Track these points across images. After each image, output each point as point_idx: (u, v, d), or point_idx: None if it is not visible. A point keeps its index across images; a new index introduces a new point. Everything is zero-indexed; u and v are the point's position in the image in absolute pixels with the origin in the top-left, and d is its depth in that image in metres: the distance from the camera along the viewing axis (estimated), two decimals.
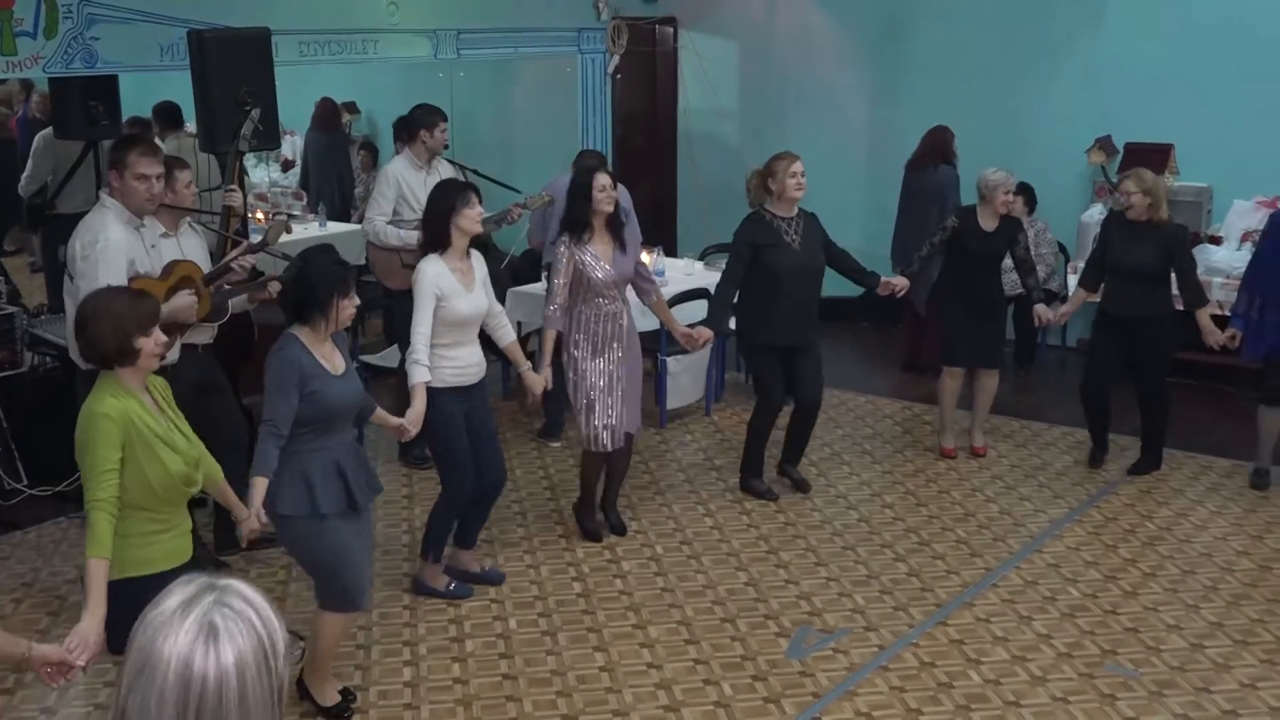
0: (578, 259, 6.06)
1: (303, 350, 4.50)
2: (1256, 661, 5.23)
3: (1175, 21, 9.34)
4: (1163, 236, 6.95)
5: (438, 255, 5.47)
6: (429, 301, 5.38)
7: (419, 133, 7.43)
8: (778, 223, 6.70)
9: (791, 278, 6.63)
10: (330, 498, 4.56)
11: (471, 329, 5.58)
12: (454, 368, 5.51)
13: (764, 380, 6.89)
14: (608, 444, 6.24)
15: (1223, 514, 6.80)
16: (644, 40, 11.75)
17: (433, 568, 5.83)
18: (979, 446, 7.64)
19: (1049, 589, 5.92)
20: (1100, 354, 7.27)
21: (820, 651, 5.33)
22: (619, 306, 6.21)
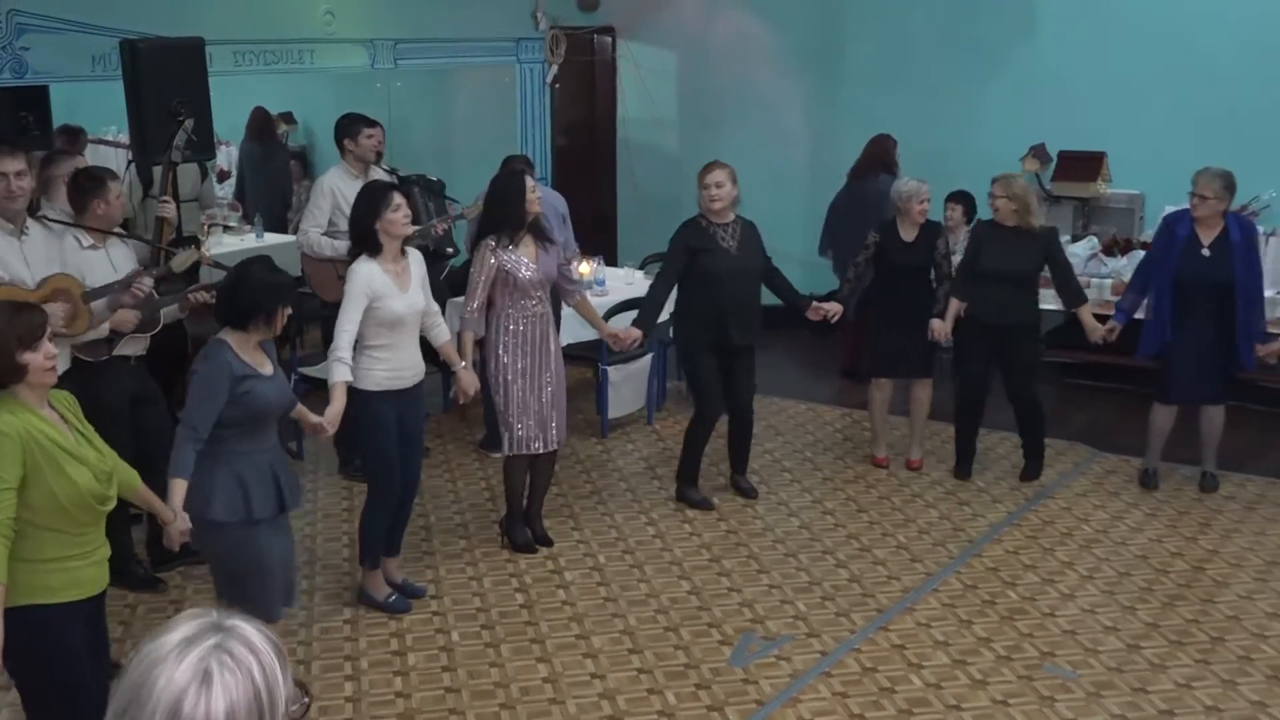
0: (501, 260, 6.04)
1: (232, 354, 4.46)
2: (1191, 661, 5.30)
3: (1106, 31, 9.48)
4: (1036, 241, 7.09)
5: (370, 258, 5.45)
6: (359, 301, 5.35)
7: (344, 142, 7.41)
8: (713, 228, 6.73)
9: (728, 280, 6.65)
10: (264, 502, 4.53)
11: (408, 330, 5.54)
12: (388, 370, 5.48)
13: (701, 386, 6.89)
14: (538, 447, 6.23)
15: (1157, 516, 6.90)
16: (582, 50, 11.75)
17: (373, 575, 5.78)
18: (914, 459, 7.65)
19: (988, 592, 5.97)
20: (969, 360, 7.35)
21: (763, 658, 5.34)
22: (545, 308, 6.21)
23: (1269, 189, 8.90)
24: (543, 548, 6.45)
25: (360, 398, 5.41)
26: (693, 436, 7.02)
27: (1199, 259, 6.85)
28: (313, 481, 7.37)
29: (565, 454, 7.85)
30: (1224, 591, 5.98)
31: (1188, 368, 6.96)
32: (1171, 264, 6.90)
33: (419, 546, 6.50)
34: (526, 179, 6.16)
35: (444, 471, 7.62)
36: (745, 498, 7.11)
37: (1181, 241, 6.90)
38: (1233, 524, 6.79)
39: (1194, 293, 6.85)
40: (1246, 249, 6.89)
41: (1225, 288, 6.82)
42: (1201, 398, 7.10)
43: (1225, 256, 6.83)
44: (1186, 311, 6.89)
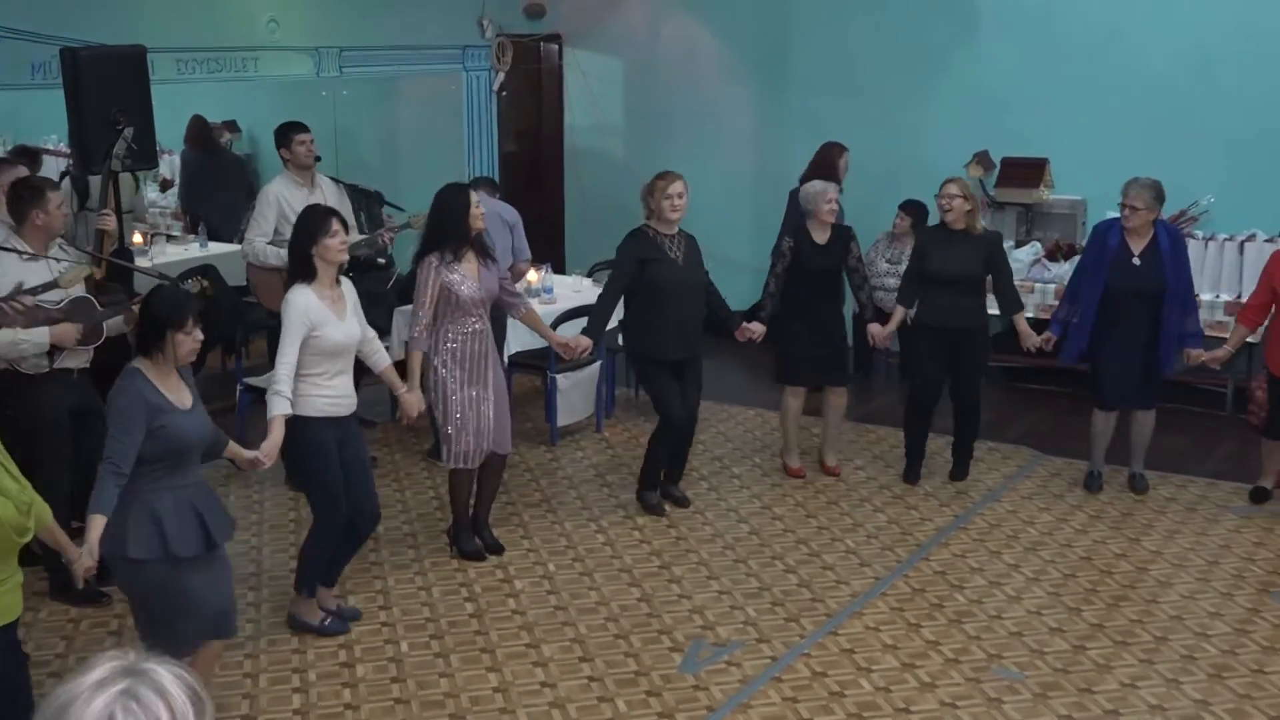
0: (444, 278, 6.01)
1: (146, 384, 4.31)
2: (1136, 661, 5.37)
3: (1049, 40, 9.59)
4: (980, 244, 7.17)
5: (306, 285, 5.33)
6: (298, 332, 5.24)
7: (281, 152, 7.37)
8: (660, 238, 6.74)
9: (676, 292, 6.68)
10: (186, 540, 4.37)
11: (346, 358, 5.46)
12: (328, 397, 5.38)
13: (661, 398, 6.88)
14: (478, 461, 6.21)
15: (1101, 518, 6.97)
16: (529, 58, 11.76)
17: (307, 602, 5.65)
18: (832, 465, 7.66)
19: (936, 596, 6.01)
20: (920, 365, 7.39)
21: (714, 664, 5.35)
22: (485, 325, 6.18)
23: (1207, 194, 9.05)
24: (493, 556, 6.43)
25: (301, 425, 5.27)
26: (656, 443, 7.01)
27: (1129, 268, 6.96)
28: (259, 493, 7.31)
29: (514, 462, 7.83)
30: (1167, 592, 6.05)
31: (1120, 374, 7.07)
32: (1102, 273, 7.00)
33: (367, 557, 6.45)
34: (470, 194, 6.13)
35: (392, 481, 7.58)
36: (679, 507, 7.08)
37: (1112, 250, 7.00)
38: (1175, 525, 6.87)
39: (1125, 301, 6.96)
40: (1176, 257, 7.01)
41: (1156, 296, 6.94)
42: (1133, 403, 7.20)
43: (1155, 265, 6.95)
44: (1118, 319, 6.99)
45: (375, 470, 7.62)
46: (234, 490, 7.32)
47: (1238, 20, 8.94)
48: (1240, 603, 5.93)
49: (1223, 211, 9.01)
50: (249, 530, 6.83)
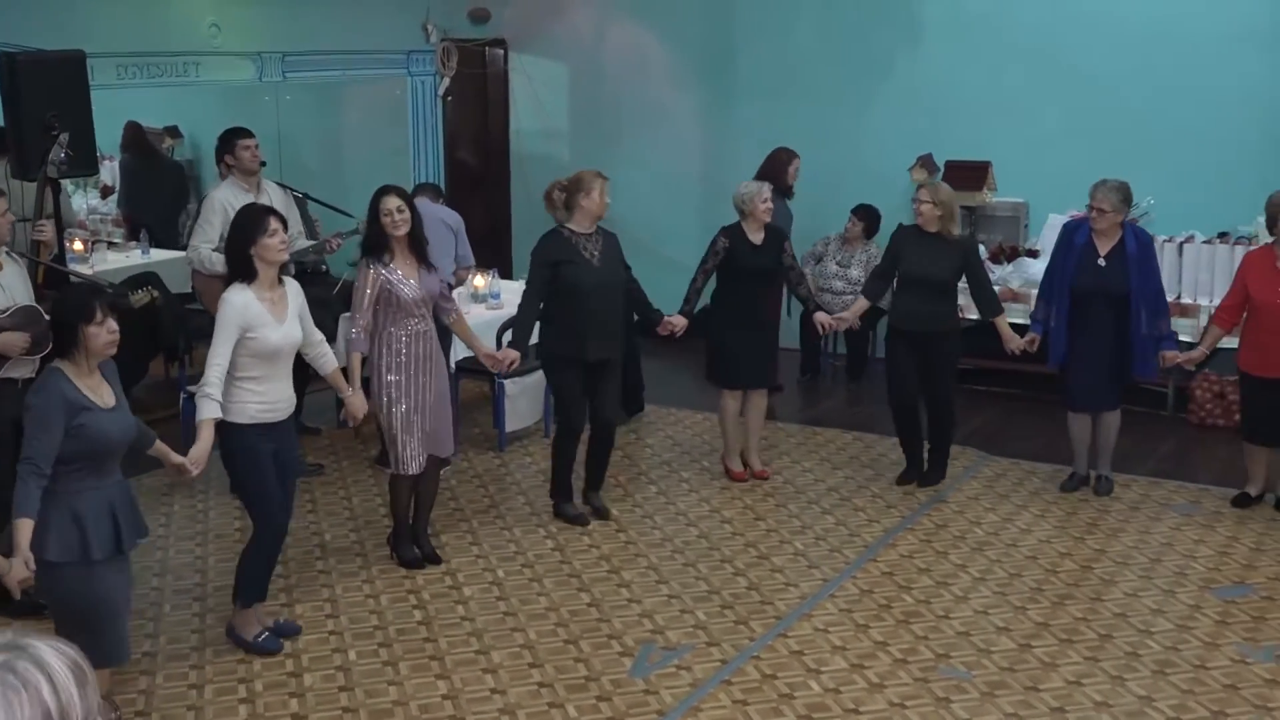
0: (384, 279, 5.98)
1: (66, 382, 4.26)
2: (1081, 659, 5.42)
3: (989, 45, 9.69)
4: (955, 248, 7.21)
5: (244, 285, 5.22)
6: (231, 333, 5.11)
7: (225, 158, 7.31)
8: (576, 239, 6.67)
9: (592, 293, 6.60)
10: (102, 541, 4.32)
11: (283, 362, 5.31)
12: (261, 403, 5.23)
13: (564, 400, 6.83)
14: (421, 466, 6.18)
15: (1046, 518, 7.05)
16: (474, 62, 11.73)
17: (245, 614, 5.52)
18: (760, 469, 7.66)
19: (884, 597, 6.05)
20: (898, 369, 7.42)
21: (664, 669, 5.35)
22: (429, 325, 6.15)
23: (1147, 197, 9.15)
24: (432, 566, 6.36)
25: (233, 432, 5.17)
26: (558, 451, 6.95)
27: (1095, 269, 7.02)
28: (203, 501, 7.24)
29: (462, 468, 7.81)
30: (1111, 590, 6.12)
31: (1086, 375, 7.12)
32: (1068, 273, 7.06)
33: (313, 565, 6.41)
34: (389, 199, 6.03)
35: (339, 488, 7.53)
36: (599, 518, 6.98)
37: (1078, 251, 7.06)
38: (1118, 523, 6.96)
39: (1089, 302, 7.01)
40: (1143, 259, 7.05)
41: (1121, 297, 6.99)
42: (1099, 405, 7.26)
43: (1121, 267, 7.00)
44: (1083, 320, 7.04)
45: (321, 477, 7.63)
46: (178, 500, 7.24)
47: (1175, 26, 9.07)
48: (1182, 599, 6.01)
49: (1162, 214, 9.13)
50: (193, 540, 6.76)
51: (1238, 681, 5.22)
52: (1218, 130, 8.97)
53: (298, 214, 7.85)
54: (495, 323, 7.99)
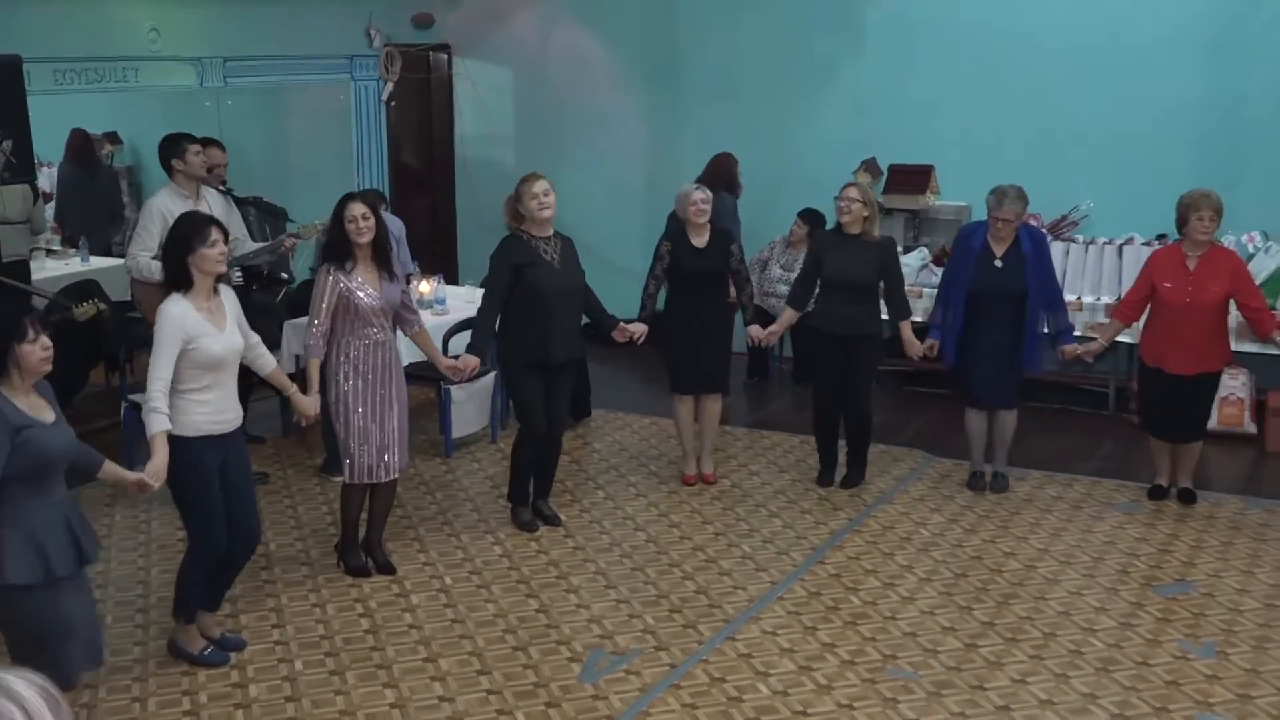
0: (343, 286, 5.94)
1: (5, 402, 4.18)
2: (1026, 657, 5.47)
3: (933, 49, 9.78)
4: (876, 249, 7.27)
5: (181, 295, 5.12)
6: (172, 346, 5.01)
7: (172, 162, 7.24)
8: (536, 242, 6.66)
9: (554, 296, 6.60)
10: (62, 558, 4.25)
11: (227, 371, 5.23)
12: (208, 414, 5.15)
13: (525, 405, 6.79)
14: (382, 475, 6.13)
15: (990, 518, 7.11)
16: (418, 67, 11.68)
17: (187, 629, 5.44)
18: (708, 474, 7.67)
19: (831, 598, 6.08)
20: (822, 374, 7.47)
21: (613, 674, 5.35)
22: (388, 335, 6.10)
23: (1087, 199, 9.29)
24: (384, 575, 6.32)
25: (179, 444, 5.06)
26: (519, 456, 6.91)
27: (992, 270, 7.14)
28: (146, 512, 7.15)
29: (410, 475, 7.76)
30: (1055, 588, 6.19)
31: (985, 374, 7.25)
32: (966, 276, 7.16)
33: (258, 575, 6.35)
34: (354, 206, 5.98)
35: (284, 497, 7.47)
36: (548, 524, 6.95)
37: (975, 254, 7.17)
38: (1061, 523, 7.03)
39: (988, 303, 7.13)
40: (1038, 258, 7.21)
41: (1018, 297, 7.13)
42: (997, 402, 7.38)
43: (1017, 267, 7.13)
44: (981, 320, 7.16)
45: (266, 486, 7.56)
46: (120, 510, 7.16)
47: (1116, 32, 9.21)
48: (1125, 597, 6.08)
49: (1102, 216, 9.26)
50: (136, 551, 6.68)
51: (1179, 678, 5.28)
52: (1156, 134, 9.11)
53: (239, 219, 7.78)
54: (441, 329, 7.95)
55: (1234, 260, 7.08)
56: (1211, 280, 6.88)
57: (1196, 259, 6.92)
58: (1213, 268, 6.91)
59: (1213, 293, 6.88)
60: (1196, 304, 6.88)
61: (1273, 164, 8.90)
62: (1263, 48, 8.86)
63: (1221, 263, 6.95)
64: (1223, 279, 6.89)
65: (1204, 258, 6.92)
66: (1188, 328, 6.90)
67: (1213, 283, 6.88)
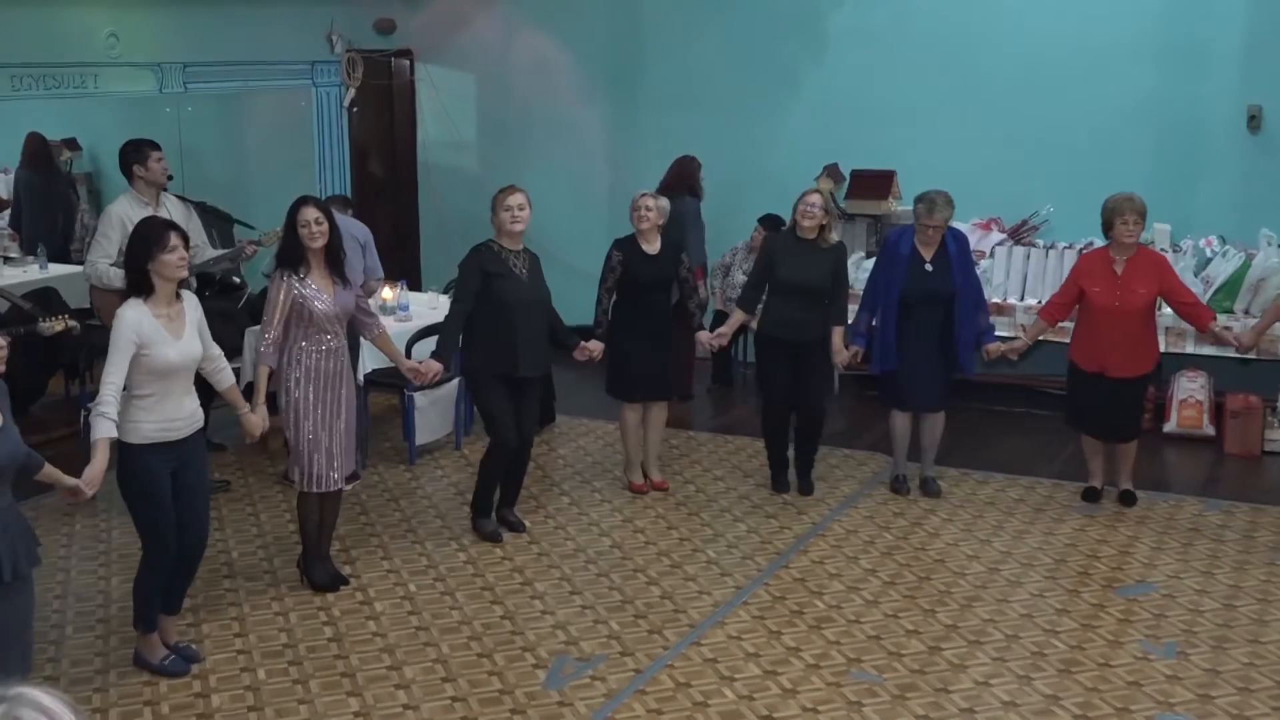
0: (297, 292, 5.87)
1: None
2: (989, 660, 5.50)
3: (895, 56, 9.85)
4: (829, 255, 7.32)
5: (140, 300, 5.07)
6: (125, 351, 4.95)
7: (132, 169, 7.18)
8: (506, 254, 6.66)
9: (522, 309, 6.59)
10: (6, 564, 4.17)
11: (181, 379, 5.16)
12: (158, 422, 5.08)
13: (494, 416, 6.75)
14: (335, 482, 6.05)
15: (953, 521, 7.15)
16: (380, 73, 11.64)
17: (147, 638, 5.38)
18: (658, 480, 7.65)
19: (796, 603, 6.09)
20: (773, 379, 7.49)
21: (578, 680, 5.34)
22: (341, 343, 6.03)
23: (1046, 204, 9.36)
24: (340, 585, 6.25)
25: (127, 452, 5.03)
26: (488, 467, 6.86)
27: (923, 274, 7.21)
28: (106, 521, 7.08)
29: (372, 482, 7.74)
30: (1017, 591, 6.22)
31: (917, 377, 7.30)
32: (897, 281, 7.21)
33: (220, 584, 6.31)
34: (308, 210, 5.91)
35: (246, 505, 7.42)
36: (513, 532, 6.92)
37: (905, 259, 7.22)
38: (1024, 525, 7.08)
39: (919, 306, 7.19)
40: (963, 259, 7.30)
41: (947, 300, 7.21)
42: (928, 405, 7.45)
43: (945, 269, 7.21)
44: (912, 324, 7.22)
45: (228, 493, 7.51)
46: (80, 520, 7.09)
47: (1073, 38, 9.30)
48: (1086, 599, 6.12)
49: (1062, 220, 9.35)
50: (96, 560, 6.63)
51: (1141, 678, 5.33)
52: (1114, 139, 9.20)
53: (199, 225, 7.72)
54: (404, 335, 7.92)
55: (1159, 261, 7.21)
56: (1139, 283, 6.99)
57: (1123, 262, 7.02)
58: (1139, 270, 7.02)
59: (1141, 295, 6.99)
60: (1125, 307, 6.98)
61: (1229, 168, 9.02)
62: (1216, 53, 8.97)
63: (1147, 264, 7.07)
64: (1150, 281, 7.00)
65: (1130, 261, 7.02)
66: (1118, 330, 7.00)
67: (1140, 285, 6.99)
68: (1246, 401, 8.34)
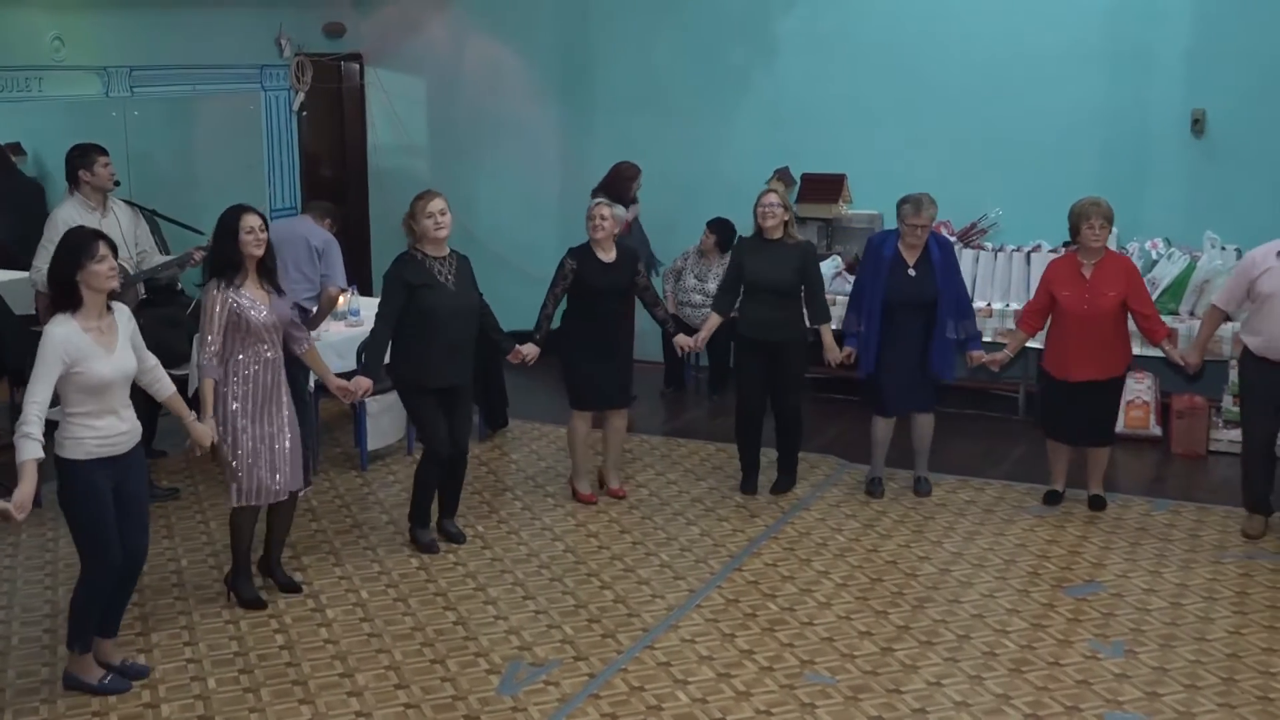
0: (233, 302, 5.74)
1: None
2: (941, 660, 5.54)
3: (845, 60, 9.91)
4: (795, 253, 7.35)
5: (69, 315, 4.93)
6: (52, 369, 4.82)
7: (79, 174, 7.10)
8: (430, 262, 6.54)
9: (447, 318, 6.48)
10: None
11: (117, 393, 5.05)
12: (98, 438, 4.98)
13: (425, 425, 6.67)
14: (275, 496, 5.94)
15: (905, 523, 7.19)
16: (330, 77, 11.59)
17: (81, 659, 5.25)
18: (615, 488, 7.62)
19: (749, 605, 6.11)
20: (749, 378, 7.52)
21: (532, 685, 5.33)
22: (277, 353, 5.90)
23: (996, 207, 9.45)
24: (289, 594, 6.16)
25: (69, 468, 4.93)
26: (422, 477, 6.77)
27: (906, 279, 7.25)
28: (53, 530, 7.00)
29: (324, 488, 7.70)
30: (968, 591, 6.27)
31: (899, 381, 7.34)
32: (880, 285, 7.25)
33: (169, 592, 6.25)
34: (250, 218, 5.80)
35: (195, 513, 7.36)
36: (454, 542, 6.85)
37: (888, 264, 7.26)
38: (974, 527, 7.13)
39: (903, 311, 7.24)
40: (946, 265, 7.34)
41: (930, 304, 7.26)
42: (913, 407, 7.49)
43: (929, 274, 7.26)
44: (895, 328, 7.26)
45: (177, 501, 7.45)
46: (27, 529, 6.99)
47: (1018, 44, 9.40)
48: (1036, 599, 6.18)
49: (1011, 223, 9.43)
50: (42, 570, 6.55)
51: (1090, 677, 5.38)
52: (1061, 143, 9.31)
53: (147, 231, 7.65)
54: (355, 340, 7.87)
55: (1128, 265, 7.25)
56: (1108, 286, 7.05)
57: (1092, 266, 7.08)
58: (1108, 274, 7.07)
59: (1110, 298, 7.05)
60: (1095, 310, 7.03)
61: (1174, 172, 9.14)
62: (1160, 58, 9.09)
63: (1116, 268, 7.12)
64: (1119, 284, 7.06)
65: (1099, 265, 7.08)
66: (1089, 334, 7.05)
67: (1109, 288, 7.05)
68: (1192, 402, 8.45)
